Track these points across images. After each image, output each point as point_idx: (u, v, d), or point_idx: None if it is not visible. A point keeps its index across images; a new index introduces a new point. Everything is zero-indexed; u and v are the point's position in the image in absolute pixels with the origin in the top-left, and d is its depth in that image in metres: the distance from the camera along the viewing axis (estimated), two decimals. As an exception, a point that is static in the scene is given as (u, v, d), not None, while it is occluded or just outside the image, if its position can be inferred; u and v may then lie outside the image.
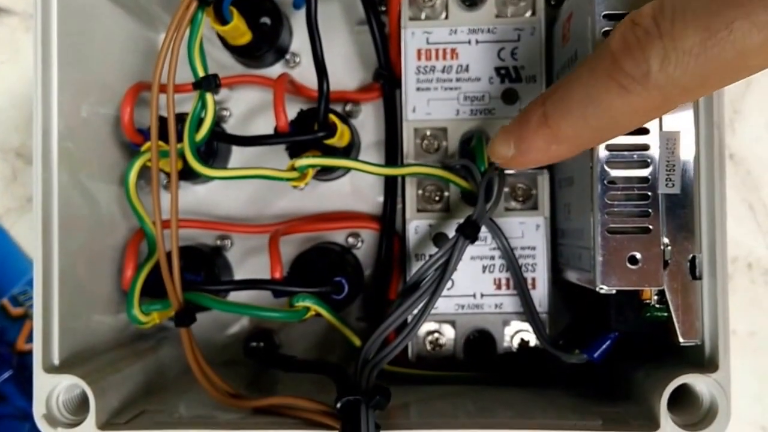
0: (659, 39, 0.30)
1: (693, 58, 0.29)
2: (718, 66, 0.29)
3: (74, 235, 0.44)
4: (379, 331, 0.42)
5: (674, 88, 0.30)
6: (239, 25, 0.47)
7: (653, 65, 0.30)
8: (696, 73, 0.29)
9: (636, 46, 0.31)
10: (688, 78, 0.30)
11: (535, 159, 0.38)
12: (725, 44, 0.28)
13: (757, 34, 0.28)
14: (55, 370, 0.41)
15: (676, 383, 0.39)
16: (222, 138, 0.49)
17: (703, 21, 0.29)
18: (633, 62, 0.31)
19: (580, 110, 0.34)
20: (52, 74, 0.42)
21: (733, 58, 0.29)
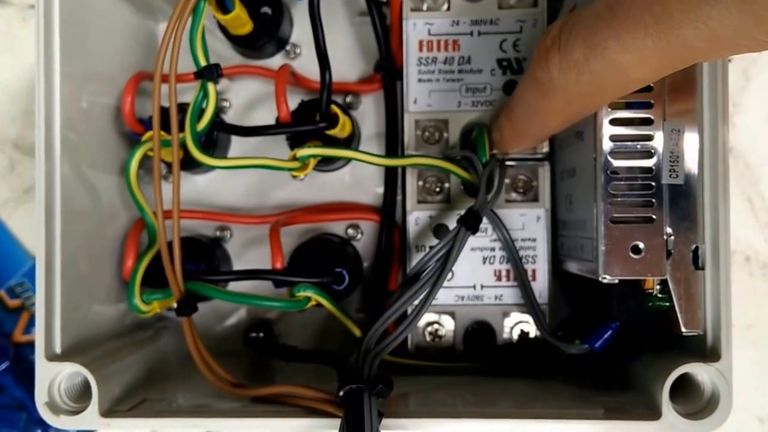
0: (557, 51, 0.34)
1: (579, 69, 0.33)
2: (603, 77, 0.33)
3: (76, 225, 0.44)
4: (381, 321, 0.42)
5: (570, 92, 0.35)
6: (241, 15, 0.47)
7: (553, 72, 0.34)
8: (585, 81, 0.33)
9: (544, 54, 0.35)
10: (581, 85, 0.34)
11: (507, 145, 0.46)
12: (602, 59, 0.32)
13: (627, 53, 0.31)
14: (57, 358, 0.41)
15: (678, 372, 0.39)
16: (223, 128, 0.49)
17: (587, 38, 0.32)
18: (541, 69, 0.35)
19: (520, 107, 0.41)
20: (55, 65, 0.42)
21: (611, 71, 0.32)
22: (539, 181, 0.49)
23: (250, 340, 0.53)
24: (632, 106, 0.39)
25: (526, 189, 0.49)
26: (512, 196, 0.49)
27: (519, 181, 0.49)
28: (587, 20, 0.32)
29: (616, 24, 0.31)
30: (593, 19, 0.32)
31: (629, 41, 0.30)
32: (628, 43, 0.30)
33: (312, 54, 0.46)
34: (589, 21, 0.32)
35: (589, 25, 0.32)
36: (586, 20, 0.33)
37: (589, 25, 0.32)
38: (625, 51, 0.31)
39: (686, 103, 0.38)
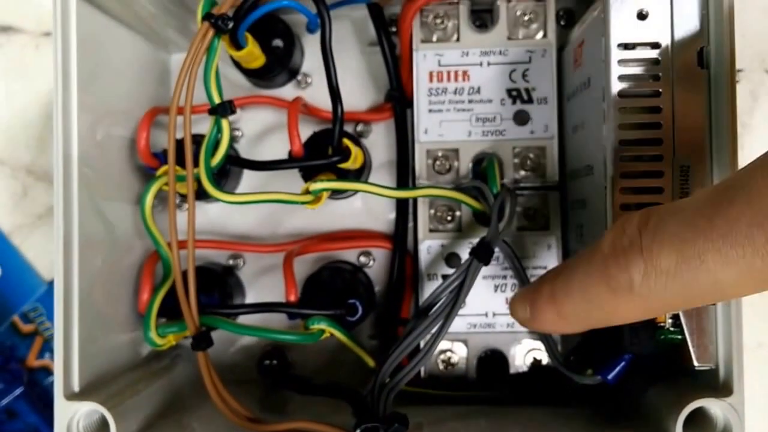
0: (640, 254, 0.30)
1: (670, 279, 0.30)
2: (694, 289, 0.29)
3: (92, 258, 0.44)
4: (395, 355, 0.43)
5: (657, 300, 0.31)
6: (254, 50, 0.48)
7: (635, 277, 0.31)
8: (675, 292, 0.30)
9: (621, 254, 0.31)
10: (668, 294, 0.30)
11: (546, 328, 0.39)
12: (698, 273, 0.29)
13: (729, 268, 0.28)
14: (76, 397, 0.41)
15: (692, 407, 0.39)
16: (237, 162, 0.49)
17: (677, 246, 0.29)
18: (618, 270, 0.31)
19: (580, 298, 0.35)
20: (72, 97, 0.42)
21: (707, 285, 0.29)
22: (550, 210, 0.49)
23: (264, 368, 0.53)
24: (641, 143, 0.39)
25: (537, 217, 0.49)
26: (523, 224, 0.49)
27: (530, 210, 0.49)
28: (675, 226, 0.30)
29: (716, 237, 0.28)
30: (685, 227, 0.29)
31: (733, 260, 0.28)
32: (731, 261, 0.28)
33: (322, 83, 0.46)
34: (679, 228, 0.30)
35: (678, 232, 0.29)
36: (672, 225, 0.30)
37: (679, 232, 0.29)
38: (728, 267, 0.28)
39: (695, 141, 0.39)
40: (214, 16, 0.43)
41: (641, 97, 0.39)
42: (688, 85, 0.39)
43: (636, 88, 0.39)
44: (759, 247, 0.27)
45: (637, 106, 0.39)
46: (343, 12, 0.52)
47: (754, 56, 0.60)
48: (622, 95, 0.39)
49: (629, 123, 0.39)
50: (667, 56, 0.39)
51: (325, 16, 0.45)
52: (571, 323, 0.37)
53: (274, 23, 0.52)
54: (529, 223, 0.49)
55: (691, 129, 0.39)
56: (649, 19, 0.39)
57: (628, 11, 0.39)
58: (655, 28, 0.39)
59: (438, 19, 0.50)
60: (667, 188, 0.39)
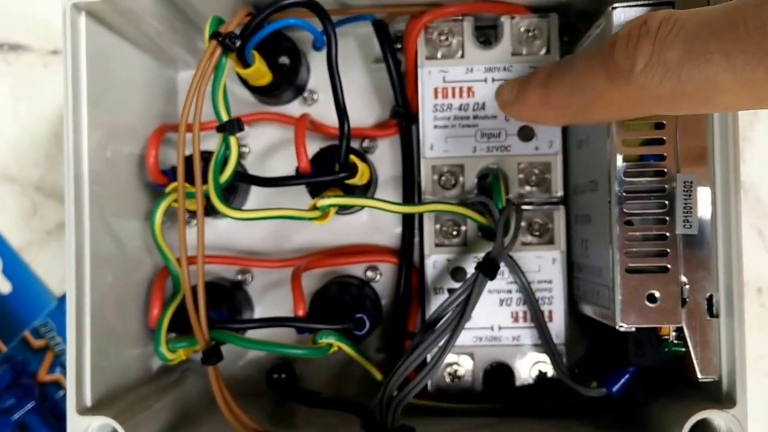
0: (651, 43, 0.31)
1: (669, 72, 0.31)
2: (688, 88, 0.30)
3: (103, 274, 0.45)
4: (402, 368, 0.43)
5: (648, 92, 0.32)
6: (261, 68, 0.49)
7: (638, 64, 0.32)
8: (668, 87, 0.31)
9: (634, 40, 0.32)
10: (662, 88, 0.31)
11: (525, 113, 0.42)
12: (698, 70, 0.30)
13: (730, 73, 0.29)
14: (88, 411, 0.42)
15: (696, 418, 0.40)
16: (245, 179, 0.50)
17: (689, 41, 0.30)
18: (625, 54, 0.32)
19: (572, 82, 0.36)
20: (82, 116, 0.43)
21: (702, 85, 0.30)
22: (554, 224, 0.50)
23: (272, 381, 0.54)
24: (646, 158, 0.40)
25: (542, 232, 0.50)
26: (528, 238, 0.50)
27: (535, 224, 0.50)
28: (695, 23, 0.30)
29: (730, 40, 0.29)
30: (704, 25, 0.30)
31: (739, 63, 0.28)
32: (736, 64, 0.28)
33: (328, 99, 0.47)
34: (698, 26, 0.30)
35: (696, 29, 0.30)
36: (693, 22, 0.30)
37: (697, 30, 0.30)
38: (728, 71, 0.29)
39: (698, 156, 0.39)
40: (221, 35, 0.44)
41: (644, 112, 0.40)
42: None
43: (639, 104, 0.40)
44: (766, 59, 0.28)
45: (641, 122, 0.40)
46: (348, 29, 0.52)
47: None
48: (625, 111, 0.40)
49: (633, 139, 0.40)
50: (670, 72, 0.39)
51: (331, 33, 0.45)
52: (552, 109, 0.39)
53: (280, 41, 0.52)
54: (534, 238, 0.50)
55: (694, 144, 0.39)
56: (652, 35, 0.39)
57: (630, 28, 0.40)
58: (658, 45, 0.40)
59: (443, 36, 0.50)
60: (670, 204, 0.39)
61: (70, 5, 0.42)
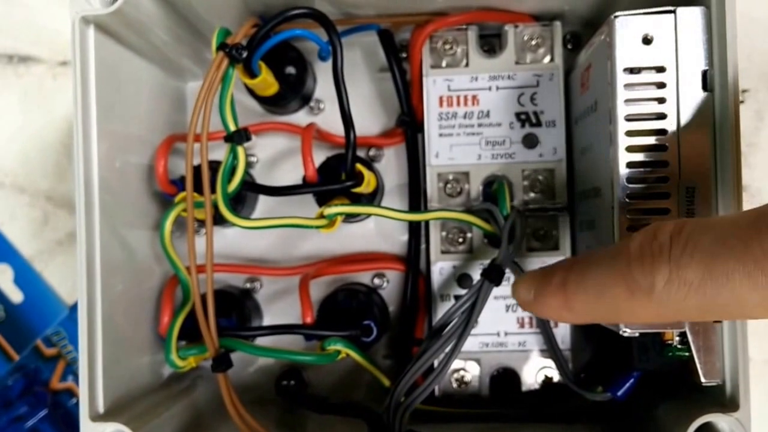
0: (667, 261, 0.31)
1: (692, 291, 0.30)
2: (716, 304, 0.30)
3: (114, 283, 0.45)
4: (410, 374, 0.44)
5: (673, 308, 0.31)
6: (267, 78, 0.49)
7: (658, 283, 0.31)
8: (694, 303, 0.30)
9: (648, 258, 0.32)
10: (686, 305, 0.31)
11: (546, 314, 0.40)
12: (722, 290, 0.29)
13: (754, 293, 0.28)
14: (101, 418, 0.42)
15: (700, 422, 0.40)
16: (253, 188, 0.50)
17: (707, 261, 0.30)
18: (642, 273, 0.32)
19: (593, 293, 0.35)
20: (92, 127, 0.44)
21: (729, 303, 0.29)
22: (559, 231, 0.50)
23: (282, 388, 0.54)
24: (648, 165, 0.40)
25: (547, 238, 0.50)
26: (533, 245, 0.50)
27: (539, 231, 0.50)
28: (708, 242, 0.30)
29: (750, 261, 0.28)
30: (718, 244, 0.30)
31: (761, 283, 0.28)
32: (759, 283, 0.28)
33: (335, 108, 0.47)
34: (713, 244, 0.30)
35: (711, 249, 0.30)
36: (706, 241, 0.30)
37: (712, 249, 0.30)
38: (753, 291, 0.28)
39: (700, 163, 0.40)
40: (228, 46, 0.45)
41: (647, 120, 0.40)
42: (693, 108, 0.40)
43: (642, 111, 0.40)
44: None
45: (643, 128, 0.40)
46: (353, 39, 0.53)
47: (759, 76, 0.60)
48: (629, 118, 0.40)
49: (636, 145, 0.40)
50: (672, 80, 0.40)
51: (337, 44, 0.46)
52: (575, 315, 0.37)
53: (286, 51, 0.53)
54: (538, 244, 0.50)
55: (696, 151, 0.40)
56: (654, 43, 0.40)
57: (633, 36, 0.40)
58: (660, 53, 0.40)
59: (447, 45, 0.51)
60: (673, 210, 0.39)
61: (78, 18, 0.42)
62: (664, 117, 0.40)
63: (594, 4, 0.50)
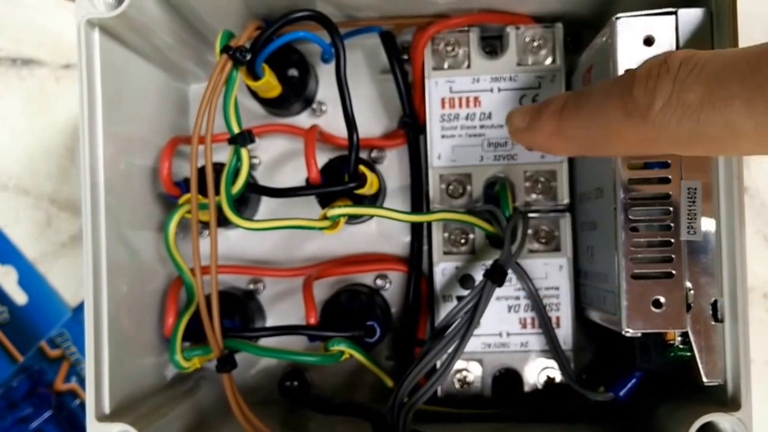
0: (671, 82, 0.31)
1: (688, 114, 0.30)
2: (707, 131, 0.30)
3: (119, 285, 0.45)
4: (413, 375, 0.44)
5: (665, 132, 0.31)
6: (270, 80, 0.49)
7: (657, 102, 0.31)
8: (686, 128, 0.30)
9: (654, 79, 0.32)
10: (679, 129, 0.31)
11: (538, 141, 0.40)
12: (719, 114, 0.29)
13: (750, 120, 0.28)
14: (107, 419, 0.43)
15: (702, 421, 0.40)
16: (256, 190, 0.50)
17: (710, 84, 0.30)
18: (643, 92, 0.32)
19: (588, 116, 0.36)
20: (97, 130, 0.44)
21: (722, 129, 0.29)
22: (561, 232, 0.50)
23: (285, 389, 0.54)
24: (650, 166, 0.40)
25: (549, 239, 0.50)
26: (535, 246, 0.51)
27: (541, 232, 0.50)
28: (717, 66, 0.30)
29: (753, 87, 0.28)
30: (726, 68, 0.29)
31: (759, 110, 0.28)
32: (757, 111, 0.28)
33: (337, 110, 0.48)
34: (720, 69, 0.30)
35: (718, 72, 0.30)
36: (715, 64, 0.30)
37: (719, 73, 0.30)
38: (749, 118, 0.28)
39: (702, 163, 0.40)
40: (231, 49, 0.45)
41: (648, 121, 0.40)
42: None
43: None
44: None
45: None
46: (355, 41, 0.53)
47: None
48: (630, 120, 0.40)
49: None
50: (673, 81, 0.40)
51: (340, 47, 0.46)
52: (565, 140, 0.38)
53: (289, 53, 0.53)
54: (540, 245, 0.51)
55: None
56: (656, 44, 0.40)
57: (634, 37, 0.40)
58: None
59: (449, 47, 0.51)
60: (675, 211, 0.40)
61: (84, 21, 0.43)
62: (666, 118, 0.40)
63: (595, 6, 0.50)
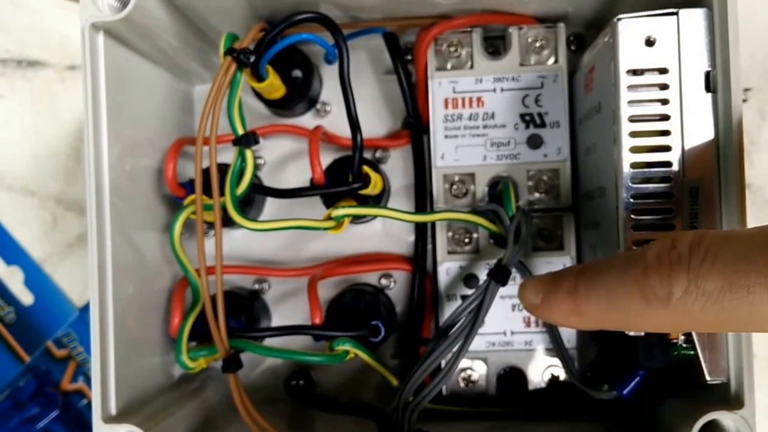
0: (686, 272, 0.31)
1: (711, 302, 0.30)
2: (733, 317, 0.30)
3: (125, 285, 0.46)
4: (417, 375, 0.44)
5: (689, 318, 0.31)
6: (274, 81, 0.50)
7: (675, 292, 0.31)
8: (711, 315, 0.31)
9: (666, 267, 0.32)
10: (703, 316, 0.31)
11: (554, 318, 0.39)
12: (741, 303, 0.29)
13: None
14: (113, 420, 0.43)
15: (705, 419, 0.40)
16: (261, 190, 0.51)
17: (727, 274, 0.30)
18: (659, 281, 0.32)
19: (605, 299, 0.35)
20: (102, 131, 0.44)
21: (747, 316, 0.30)
22: (564, 231, 0.50)
23: (291, 388, 0.55)
24: (652, 165, 0.40)
25: (552, 238, 0.51)
26: (538, 244, 0.51)
27: (544, 231, 0.51)
28: (730, 255, 0.30)
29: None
30: (739, 258, 0.30)
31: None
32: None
33: (340, 111, 0.48)
34: (733, 258, 0.30)
35: (732, 261, 0.30)
36: (728, 254, 0.30)
37: (733, 262, 0.30)
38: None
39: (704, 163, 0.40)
40: (236, 51, 0.45)
41: (651, 121, 0.41)
42: (696, 109, 0.40)
43: (645, 112, 0.41)
44: None
45: (647, 129, 0.41)
46: (359, 42, 0.53)
47: (762, 75, 0.61)
48: (632, 119, 0.41)
49: (639, 146, 0.40)
50: (675, 81, 0.40)
51: (343, 48, 0.47)
52: (584, 320, 0.37)
53: (293, 54, 0.53)
54: (544, 244, 0.51)
55: (699, 152, 0.40)
56: (657, 45, 0.40)
57: (636, 38, 0.41)
58: (663, 54, 0.40)
59: (452, 48, 0.51)
60: (677, 209, 0.40)
61: (88, 25, 0.43)
62: (668, 118, 0.40)
63: (597, 6, 0.51)
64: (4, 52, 0.65)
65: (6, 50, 0.65)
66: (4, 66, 0.65)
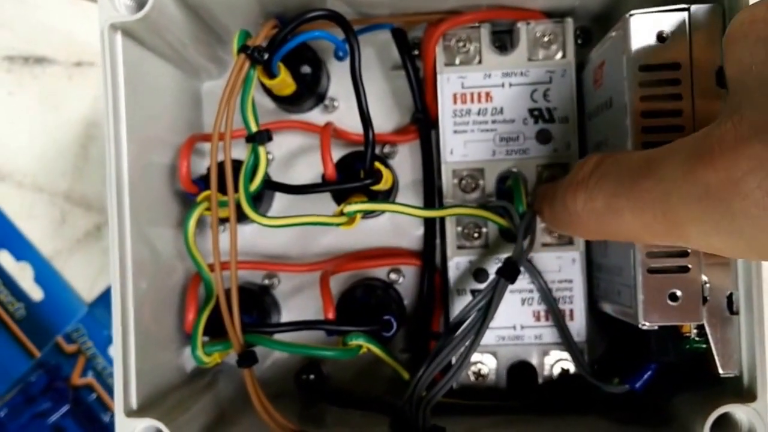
0: (584, 191, 0.38)
1: (599, 216, 0.37)
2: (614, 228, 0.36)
3: (141, 281, 0.46)
4: (429, 371, 0.44)
5: (593, 229, 0.39)
6: (286, 78, 0.50)
7: (579, 206, 0.38)
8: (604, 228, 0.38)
9: (574, 186, 0.39)
10: (599, 228, 0.38)
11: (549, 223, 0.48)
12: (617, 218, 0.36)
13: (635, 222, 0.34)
14: (135, 414, 0.44)
15: (719, 412, 0.41)
16: (273, 186, 0.51)
17: (609, 198, 0.36)
18: (570, 198, 0.39)
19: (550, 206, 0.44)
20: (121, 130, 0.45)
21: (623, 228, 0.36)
22: (574, 226, 0.51)
23: (302, 382, 0.55)
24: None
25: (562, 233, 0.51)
26: (548, 239, 0.51)
27: (554, 226, 0.51)
28: (614, 179, 0.36)
29: (634, 198, 0.34)
30: (618, 183, 0.35)
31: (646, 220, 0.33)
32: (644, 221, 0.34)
33: (349, 106, 0.49)
34: (615, 182, 0.36)
35: (614, 186, 0.36)
36: (613, 178, 0.36)
37: (614, 187, 0.36)
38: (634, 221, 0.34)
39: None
40: (249, 48, 0.46)
41: (662, 116, 0.41)
42: (708, 104, 0.40)
43: (657, 107, 0.41)
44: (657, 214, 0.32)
45: (659, 125, 0.41)
46: (367, 37, 0.53)
47: None
48: (644, 115, 0.41)
49: (651, 141, 0.41)
50: (687, 76, 0.41)
51: (355, 45, 0.47)
52: (546, 221, 0.47)
53: (303, 51, 0.53)
54: (553, 239, 0.51)
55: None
56: (669, 40, 0.41)
57: (647, 34, 0.41)
58: (675, 50, 0.41)
59: (460, 43, 0.52)
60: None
61: (107, 25, 0.43)
62: (680, 113, 0.40)
63: (604, 0, 0.51)
64: (12, 49, 0.65)
65: (13, 47, 0.65)
66: (12, 63, 0.65)
